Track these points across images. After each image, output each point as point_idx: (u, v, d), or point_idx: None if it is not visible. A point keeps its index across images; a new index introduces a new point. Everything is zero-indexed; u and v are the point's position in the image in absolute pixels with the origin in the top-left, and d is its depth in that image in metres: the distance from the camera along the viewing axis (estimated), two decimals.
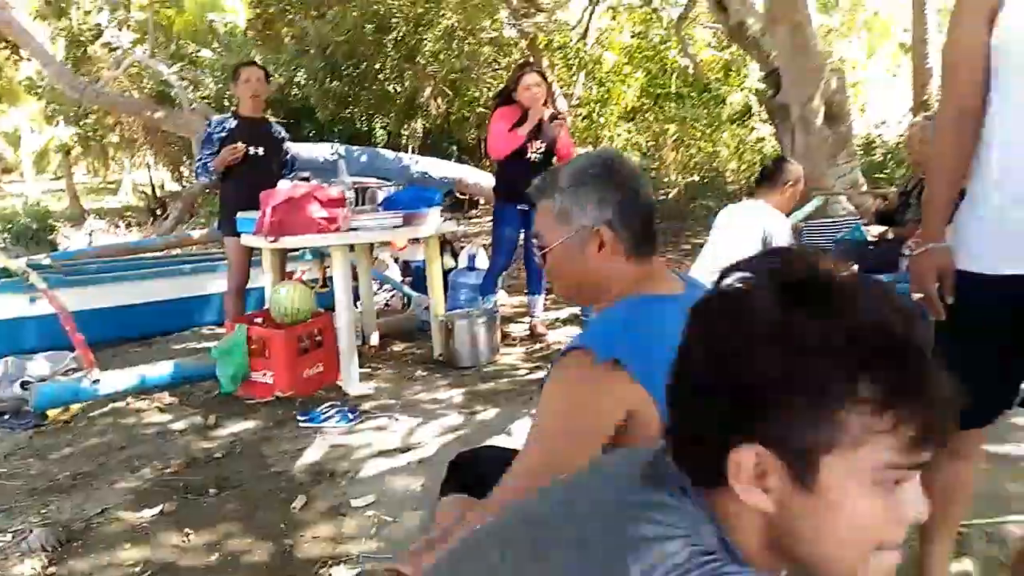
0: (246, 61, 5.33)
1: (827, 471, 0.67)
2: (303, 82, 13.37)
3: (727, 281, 0.74)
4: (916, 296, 1.75)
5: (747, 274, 0.73)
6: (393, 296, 6.26)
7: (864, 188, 7.42)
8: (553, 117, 4.66)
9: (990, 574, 2.10)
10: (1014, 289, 1.60)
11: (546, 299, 5.19)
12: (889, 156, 9.72)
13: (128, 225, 14.40)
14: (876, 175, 8.70)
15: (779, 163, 3.85)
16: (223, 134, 4.48)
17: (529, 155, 4.57)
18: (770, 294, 0.68)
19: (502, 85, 5.65)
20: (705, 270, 3.90)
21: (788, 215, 3.97)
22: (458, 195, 10.33)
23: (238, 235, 4.42)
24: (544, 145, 4.60)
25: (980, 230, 1.66)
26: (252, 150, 4.47)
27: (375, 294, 5.75)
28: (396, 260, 6.62)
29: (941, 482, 1.81)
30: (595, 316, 1.43)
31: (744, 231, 3.69)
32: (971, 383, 1.67)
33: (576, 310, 5.36)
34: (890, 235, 4.54)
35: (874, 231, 4.62)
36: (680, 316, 1.28)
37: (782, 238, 3.59)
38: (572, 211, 1.37)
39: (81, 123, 16.65)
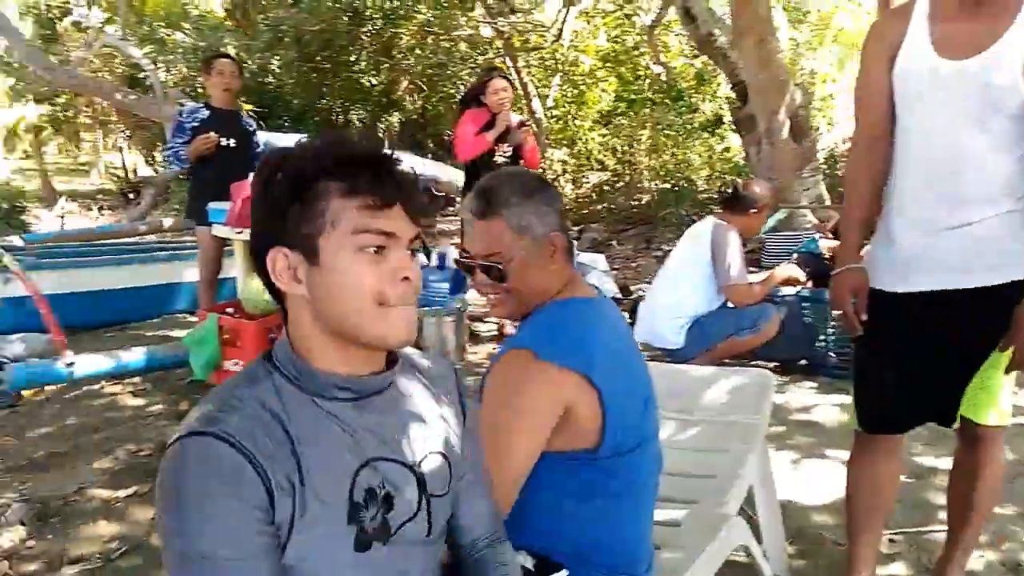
0: (219, 52, 5.34)
1: (324, 249, 0.95)
2: (278, 70, 13.34)
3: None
4: (835, 313, 1.94)
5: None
6: None
7: (828, 202, 7.63)
8: (521, 124, 4.81)
9: None
10: (917, 307, 1.77)
11: None
12: None
13: (101, 208, 14.31)
14: (840, 189, 8.93)
15: (748, 186, 3.91)
16: (195, 124, 4.52)
17: (497, 157, 4.71)
18: (273, 157, 1.00)
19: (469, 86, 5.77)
20: (658, 282, 4.08)
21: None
22: (434, 192, 10.42)
23: (209, 224, 4.49)
24: (511, 148, 4.74)
25: (885, 251, 1.84)
26: (224, 141, 4.52)
27: None
28: None
29: (867, 477, 2.00)
30: (529, 318, 1.48)
31: (693, 250, 3.85)
32: (892, 391, 1.86)
33: None
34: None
35: (828, 244, 4.81)
36: (603, 314, 1.45)
37: (730, 255, 3.72)
38: (531, 222, 1.43)
39: (51, 101, 16.42)
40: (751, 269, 4.37)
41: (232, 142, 4.58)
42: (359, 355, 1.01)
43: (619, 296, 5.70)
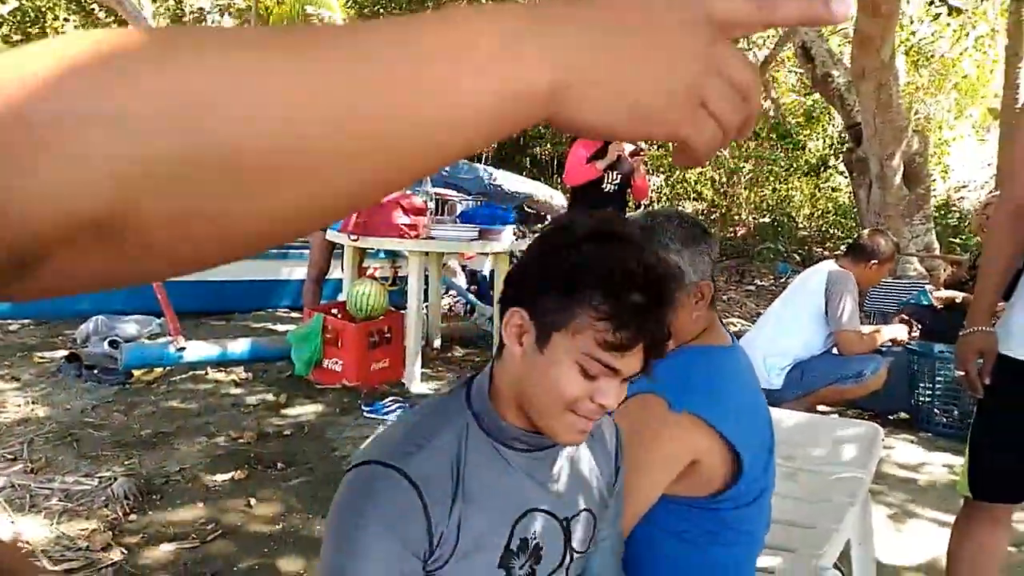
0: None
1: (554, 343, 0.96)
2: None
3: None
4: (959, 374, 1.87)
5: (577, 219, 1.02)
6: (458, 302, 6.46)
7: (937, 251, 7.36)
8: (635, 153, 4.81)
9: None
10: None
11: None
12: (965, 222, 9.61)
13: None
14: (951, 239, 8.61)
15: (873, 237, 3.82)
16: None
17: (605, 185, 4.72)
18: (576, 229, 0.98)
19: None
20: (763, 320, 4.00)
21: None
22: (527, 209, 10.52)
23: (324, 229, 4.67)
24: (620, 177, 4.75)
25: (1021, 318, 1.76)
26: None
27: (441, 299, 5.96)
28: (464, 268, 6.83)
29: (973, 546, 1.92)
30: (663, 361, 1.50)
31: (804, 293, 3.77)
32: (1008, 459, 1.78)
33: None
34: (959, 300, 4.55)
35: (939, 295, 4.64)
36: (735, 365, 1.43)
37: (845, 302, 3.62)
38: (687, 269, 1.43)
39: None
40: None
41: None
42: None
43: None
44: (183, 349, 3.98)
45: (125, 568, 2.41)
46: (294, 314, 5.81)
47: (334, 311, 4.38)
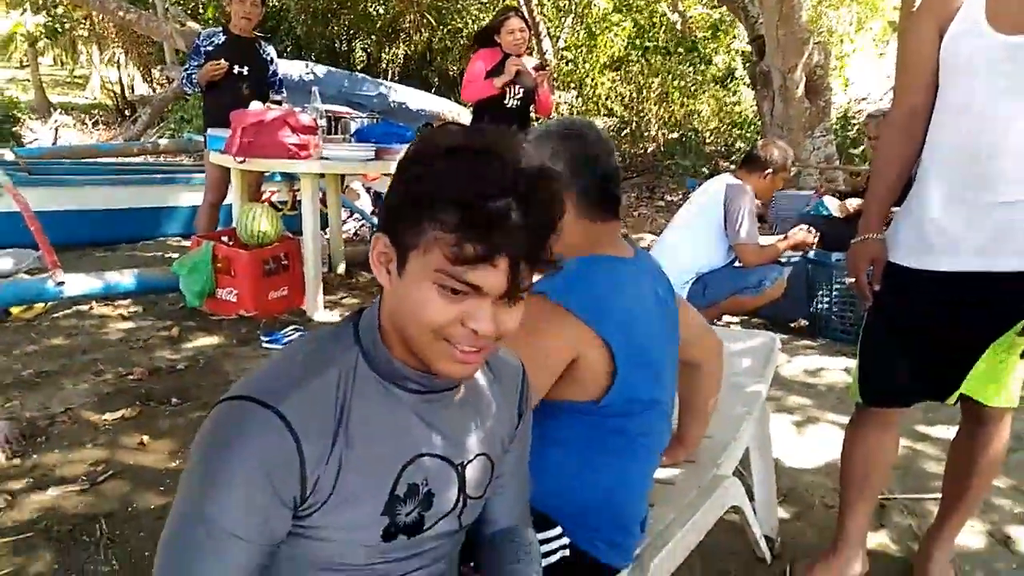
0: None
1: (411, 264, 0.89)
2: None
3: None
4: (848, 281, 1.88)
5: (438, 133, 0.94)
6: (362, 226, 6.28)
7: (837, 163, 7.55)
8: (539, 67, 4.67)
9: (905, 545, 2.26)
10: (935, 286, 1.71)
11: None
12: (865, 133, 9.83)
13: (96, 124, 14.03)
14: (850, 150, 8.82)
15: (767, 148, 3.84)
16: (210, 48, 4.46)
17: (507, 101, 4.58)
18: (437, 143, 0.89)
19: (487, 21, 5.56)
20: (665, 235, 4.01)
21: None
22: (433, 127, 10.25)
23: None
24: (523, 92, 4.61)
25: (909, 225, 1.77)
26: (236, 68, 4.46)
27: (344, 223, 5.78)
28: (368, 190, 6.62)
29: (864, 449, 1.97)
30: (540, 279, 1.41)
31: (703, 207, 3.79)
32: (896, 366, 1.81)
33: None
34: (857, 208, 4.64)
35: (845, 204, 4.74)
36: (630, 276, 1.39)
37: (742, 214, 3.66)
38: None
39: (49, 11, 15.98)
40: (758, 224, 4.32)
41: (245, 69, 4.50)
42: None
43: None
44: (62, 283, 3.72)
45: (9, 515, 2.27)
46: (185, 243, 5.53)
47: (224, 238, 4.17)
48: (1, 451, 2.61)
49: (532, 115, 4.93)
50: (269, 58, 4.72)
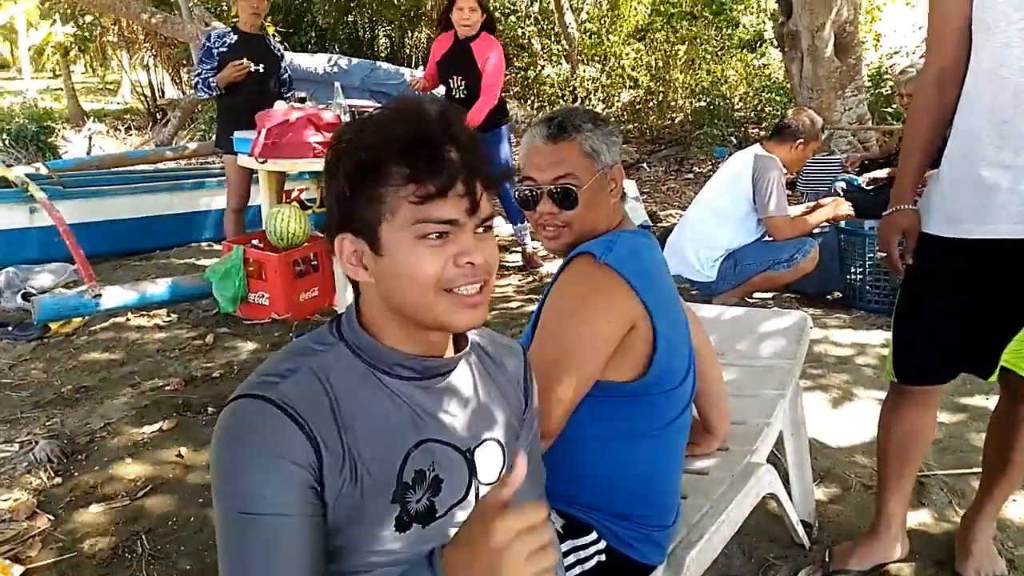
0: None
1: (385, 237, 0.92)
2: None
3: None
4: (880, 255, 1.81)
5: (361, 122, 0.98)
6: None
7: (869, 123, 7.34)
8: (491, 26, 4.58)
9: (946, 522, 2.21)
10: (969, 255, 1.65)
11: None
12: (897, 91, 9.50)
13: (128, 129, 14.25)
14: (883, 108, 8.55)
15: (798, 116, 3.76)
16: (223, 49, 4.42)
17: (453, 92, 4.54)
18: (366, 126, 0.94)
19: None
20: (693, 211, 3.94)
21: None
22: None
23: (235, 154, 4.43)
24: (465, 82, 4.53)
25: (943, 195, 1.70)
26: (253, 67, 4.44)
27: None
28: None
29: (901, 429, 1.92)
30: (591, 242, 1.43)
31: (732, 180, 3.71)
32: (932, 342, 1.75)
33: None
34: (886, 176, 4.53)
35: (866, 177, 4.62)
36: (658, 252, 1.46)
37: (771, 187, 3.58)
38: (601, 150, 1.40)
39: (78, 22, 16.22)
40: (787, 193, 4.24)
41: (261, 67, 4.49)
42: (426, 337, 0.99)
43: (648, 224, 5.54)
44: (99, 296, 3.79)
45: (54, 535, 2.33)
46: (217, 247, 5.59)
47: (254, 242, 4.20)
48: (43, 471, 2.67)
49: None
50: (280, 53, 4.72)
